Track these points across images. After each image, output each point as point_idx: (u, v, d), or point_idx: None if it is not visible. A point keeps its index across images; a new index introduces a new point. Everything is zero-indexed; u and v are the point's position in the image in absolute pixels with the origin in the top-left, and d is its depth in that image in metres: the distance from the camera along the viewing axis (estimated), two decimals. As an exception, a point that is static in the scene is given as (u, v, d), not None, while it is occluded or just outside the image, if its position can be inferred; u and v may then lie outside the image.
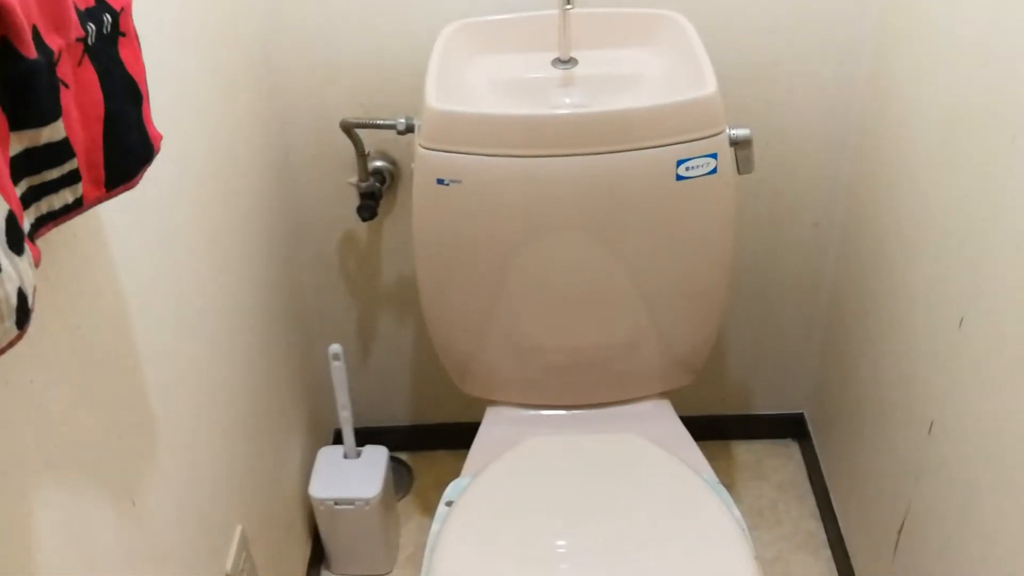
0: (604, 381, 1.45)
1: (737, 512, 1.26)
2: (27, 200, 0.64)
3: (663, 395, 1.49)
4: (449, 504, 1.31)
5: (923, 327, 1.31)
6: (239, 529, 1.31)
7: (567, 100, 1.37)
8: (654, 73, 1.37)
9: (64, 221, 0.70)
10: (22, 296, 0.57)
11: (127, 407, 0.97)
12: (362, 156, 1.52)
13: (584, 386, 1.46)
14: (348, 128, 1.48)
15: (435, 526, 1.29)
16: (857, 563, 1.62)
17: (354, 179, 1.56)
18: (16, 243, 0.57)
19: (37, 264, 0.62)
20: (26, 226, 0.63)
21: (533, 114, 1.23)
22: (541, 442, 1.39)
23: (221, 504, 1.25)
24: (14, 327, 0.56)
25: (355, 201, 1.60)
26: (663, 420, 1.45)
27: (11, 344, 0.57)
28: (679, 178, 1.28)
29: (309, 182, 1.60)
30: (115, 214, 0.94)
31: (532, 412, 1.48)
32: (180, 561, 1.10)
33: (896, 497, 1.43)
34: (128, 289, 0.97)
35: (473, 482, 1.33)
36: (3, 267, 0.55)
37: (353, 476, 1.66)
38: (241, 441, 1.35)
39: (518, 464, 1.35)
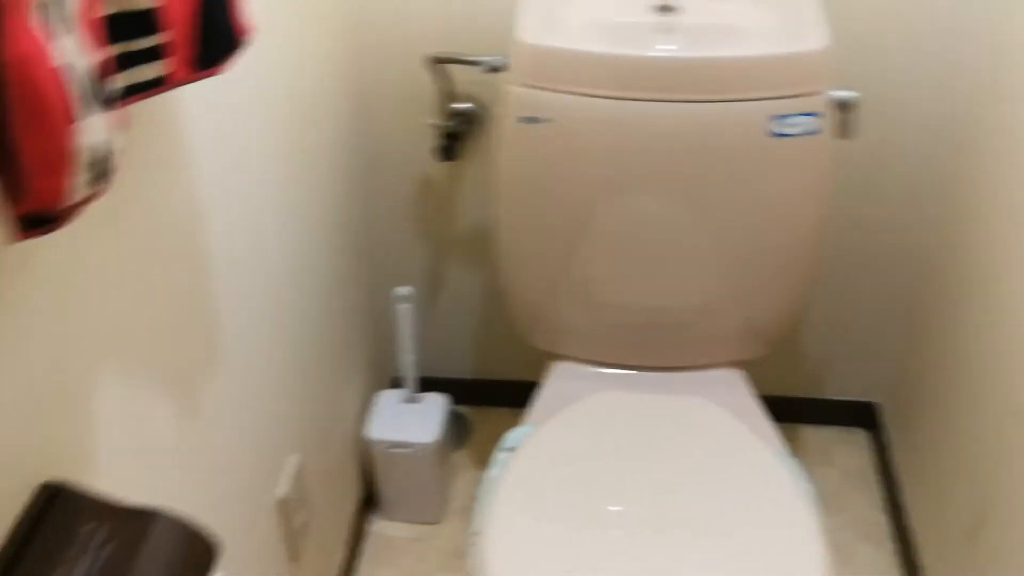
0: (676, 344, 1.41)
1: (808, 487, 1.21)
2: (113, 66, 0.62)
3: (736, 365, 1.44)
4: (509, 451, 1.28)
5: (1021, 318, 1.24)
6: (294, 458, 1.29)
7: (665, 47, 1.31)
8: (763, 27, 1.31)
9: (149, 96, 0.67)
10: (103, 152, 0.54)
11: (194, 312, 0.95)
12: (445, 95, 1.49)
13: (655, 348, 1.41)
14: (435, 63, 1.44)
15: (492, 471, 1.26)
16: (925, 557, 1.55)
17: (434, 120, 1.52)
18: (101, 97, 0.54)
19: (122, 130, 0.59)
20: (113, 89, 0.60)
21: (630, 54, 1.19)
22: (608, 398, 1.35)
23: (278, 430, 1.23)
24: (93, 182, 0.53)
25: (433, 143, 1.57)
26: (735, 390, 1.40)
27: (87, 201, 0.54)
28: (775, 135, 1.23)
29: (388, 120, 1.57)
30: (197, 108, 0.91)
31: (599, 370, 1.44)
32: (234, 477, 1.08)
33: (975, 493, 1.36)
34: (204, 191, 0.95)
35: (535, 432, 1.29)
36: (86, 118, 0.52)
37: (411, 421, 1.63)
38: (303, 371, 1.33)
39: (582, 418, 1.31)
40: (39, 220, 0.52)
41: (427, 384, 1.83)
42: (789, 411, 1.87)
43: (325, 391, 1.44)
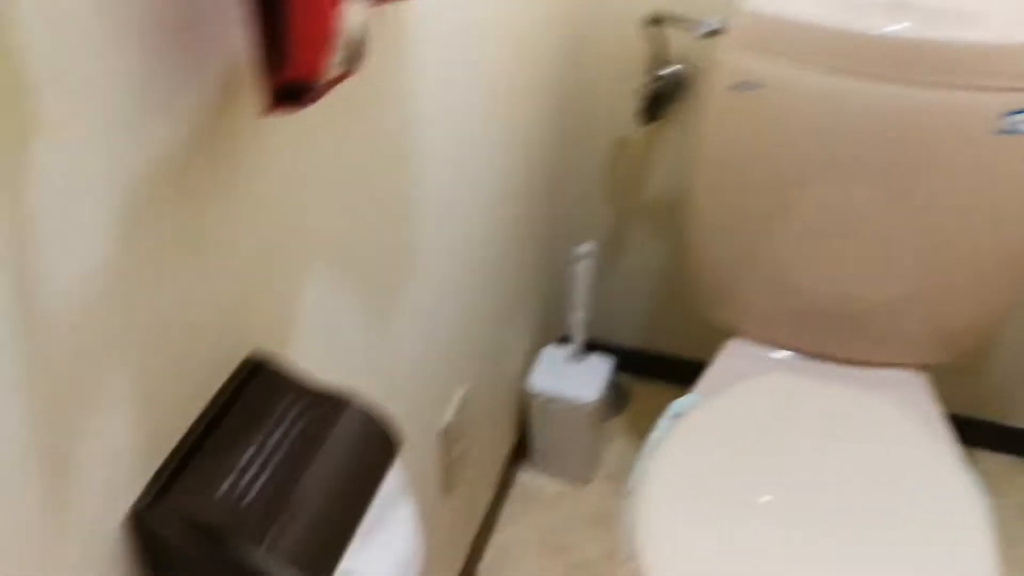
0: (860, 337, 1.35)
1: (988, 505, 1.14)
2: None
3: (919, 368, 1.37)
4: (673, 417, 1.27)
5: None
6: (461, 391, 1.32)
7: (897, 26, 1.26)
8: (1006, 11, 1.24)
9: (390, 1, 0.69)
10: (357, 37, 0.56)
11: (398, 224, 0.98)
12: (655, 57, 1.47)
13: (837, 337, 1.36)
14: (651, 23, 1.43)
15: (655, 434, 1.25)
16: (1097, 607, 1.45)
17: (641, 81, 1.51)
18: (360, -17, 0.56)
19: (371, 22, 0.62)
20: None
21: (858, 30, 1.14)
22: (783, 380, 1.31)
23: (452, 360, 1.26)
24: (345, 62, 0.55)
25: (636, 104, 1.55)
26: (916, 394, 1.33)
27: (336, 81, 0.56)
28: (1003, 132, 1.16)
29: (595, 76, 1.57)
30: (423, 28, 0.94)
31: (775, 352, 1.40)
32: (408, 397, 1.11)
33: None
34: (421, 108, 0.97)
35: (705, 402, 1.27)
36: (350, 2, 0.54)
37: (573, 378, 1.64)
38: (480, 309, 1.35)
39: (754, 395, 1.28)
40: (292, 93, 0.55)
41: (592, 347, 1.83)
42: (967, 433, 1.77)
43: (496, 334, 1.46)
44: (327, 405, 0.69)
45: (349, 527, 0.66)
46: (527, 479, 1.74)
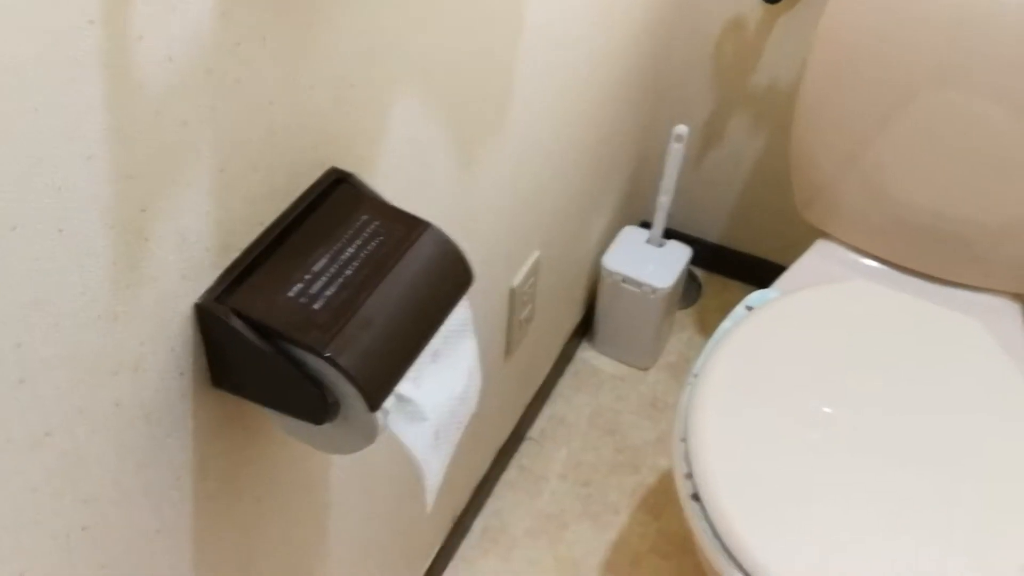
0: (958, 256, 1.28)
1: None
2: None
3: (1016, 297, 1.31)
4: (749, 308, 1.23)
5: None
6: (535, 254, 1.30)
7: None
8: None
9: None
10: None
11: (496, 71, 0.94)
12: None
13: (933, 254, 1.30)
14: None
15: (726, 323, 1.21)
16: None
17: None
18: None
19: None
20: None
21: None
22: (869, 288, 1.26)
23: (530, 222, 1.23)
24: None
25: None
26: (1009, 322, 1.27)
27: None
28: None
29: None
30: None
31: (864, 259, 1.34)
32: (484, 248, 1.09)
33: None
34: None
35: (783, 297, 1.23)
36: None
37: (650, 262, 1.60)
38: (564, 175, 1.31)
39: (836, 299, 1.23)
40: None
41: (671, 235, 1.78)
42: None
43: (580, 203, 1.43)
44: (406, 226, 0.67)
45: (413, 350, 0.64)
46: (588, 357, 1.73)
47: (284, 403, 0.63)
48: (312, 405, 0.62)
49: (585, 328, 1.75)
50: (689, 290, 1.85)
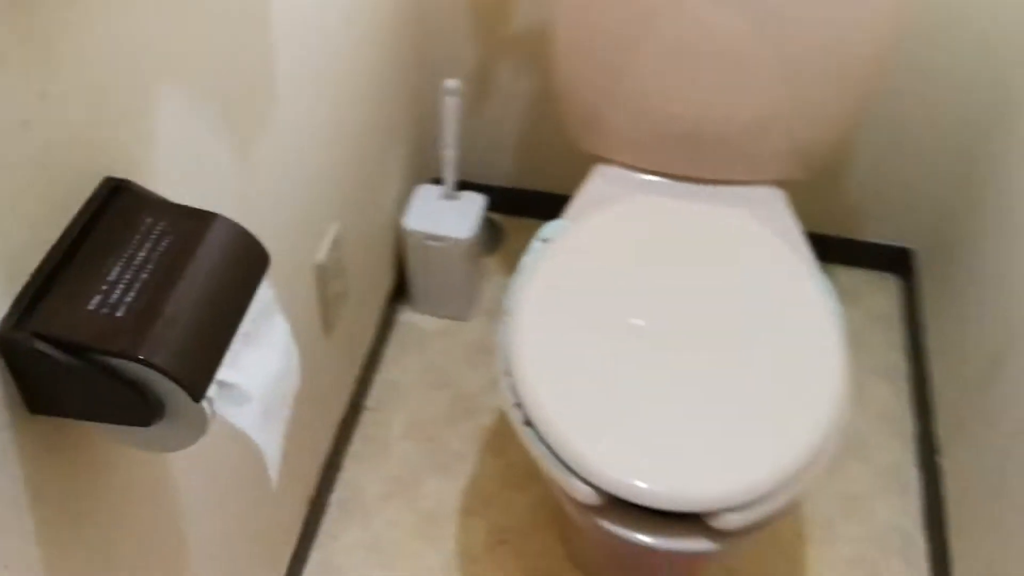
0: (722, 156, 1.39)
1: (838, 307, 1.22)
2: None
3: (779, 185, 1.44)
4: (544, 241, 1.30)
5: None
6: (335, 227, 1.32)
7: None
8: None
9: None
10: None
11: (250, 43, 0.95)
12: None
13: (700, 158, 1.40)
14: None
15: (527, 259, 1.28)
16: (939, 399, 1.59)
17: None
18: None
19: None
20: None
21: None
22: (649, 201, 1.35)
23: (322, 194, 1.25)
24: None
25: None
26: (775, 209, 1.40)
27: None
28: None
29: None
30: None
31: (642, 176, 1.44)
32: (277, 230, 1.11)
33: (997, 335, 1.38)
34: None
35: (573, 226, 1.31)
36: None
37: (448, 216, 1.65)
38: (348, 142, 1.33)
39: (622, 217, 1.32)
40: None
41: (464, 187, 1.83)
42: (823, 249, 1.86)
43: (368, 170, 1.46)
44: (192, 220, 0.69)
45: (225, 337, 0.67)
46: (408, 318, 1.77)
47: (108, 414, 0.65)
48: (136, 410, 0.64)
49: (401, 291, 1.78)
50: (492, 237, 1.91)
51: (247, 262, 0.71)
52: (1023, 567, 1.18)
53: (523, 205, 1.93)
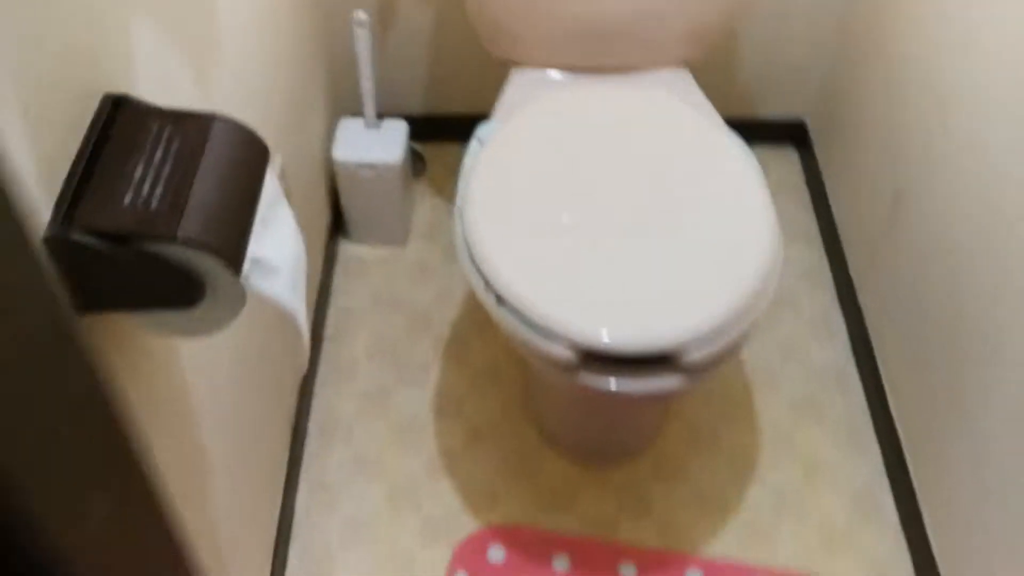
0: (629, 46, 1.49)
1: (758, 165, 1.33)
2: None
3: (684, 64, 1.54)
4: (479, 142, 1.38)
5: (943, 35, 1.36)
6: (279, 158, 1.37)
7: None
8: None
9: None
10: None
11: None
12: None
13: (608, 50, 1.49)
14: None
15: (467, 161, 1.35)
16: (848, 247, 1.73)
17: None
18: None
19: None
20: None
21: None
22: (570, 94, 1.44)
23: (266, 127, 1.30)
24: None
25: None
26: (684, 86, 1.50)
27: None
28: None
29: None
30: None
31: (556, 74, 1.52)
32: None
33: (895, 178, 1.51)
34: None
35: (503, 126, 1.38)
36: None
37: (374, 144, 1.71)
38: (273, 80, 1.38)
39: (547, 110, 1.40)
40: None
41: (383, 118, 1.89)
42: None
43: (295, 105, 1.50)
44: (195, 121, 0.75)
45: (247, 217, 0.73)
46: (349, 250, 1.83)
47: (154, 299, 0.70)
48: (180, 291, 0.70)
49: (338, 225, 1.84)
50: (416, 164, 1.97)
51: (250, 153, 0.77)
52: (944, 374, 1.32)
53: (440, 131, 1.99)
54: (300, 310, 0.78)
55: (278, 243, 0.77)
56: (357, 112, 1.83)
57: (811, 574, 1.40)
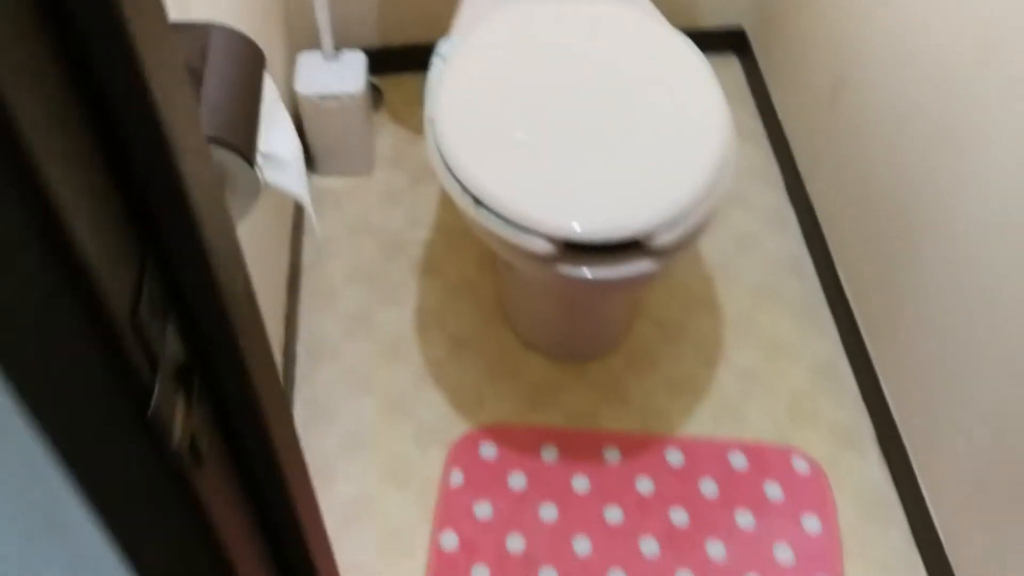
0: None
1: (709, 64, 1.41)
2: None
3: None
4: (442, 57, 1.43)
5: None
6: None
7: None
8: None
9: None
10: None
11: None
12: None
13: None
14: None
15: (432, 76, 1.41)
16: (797, 143, 1.82)
17: None
18: None
19: None
20: None
21: None
22: (527, 5, 1.49)
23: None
24: None
25: None
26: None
27: None
28: None
29: None
30: None
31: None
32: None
33: (834, 67, 1.60)
34: None
35: (463, 40, 1.44)
36: None
37: (335, 75, 1.76)
38: (238, 11, 1.42)
39: (504, 22, 1.46)
40: None
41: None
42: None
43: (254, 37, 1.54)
44: (194, 31, 0.80)
45: (254, 116, 0.79)
46: (317, 183, 1.88)
47: (177, 195, 0.76)
48: (201, 186, 0.76)
49: (305, 159, 1.88)
50: (374, 98, 2.02)
51: (249, 57, 0.82)
52: (891, 249, 1.42)
53: (394, 63, 2.04)
54: (309, 200, 0.85)
55: (282, 140, 0.83)
56: (314, 45, 1.87)
57: (781, 443, 1.51)
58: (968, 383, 1.24)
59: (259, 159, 0.77)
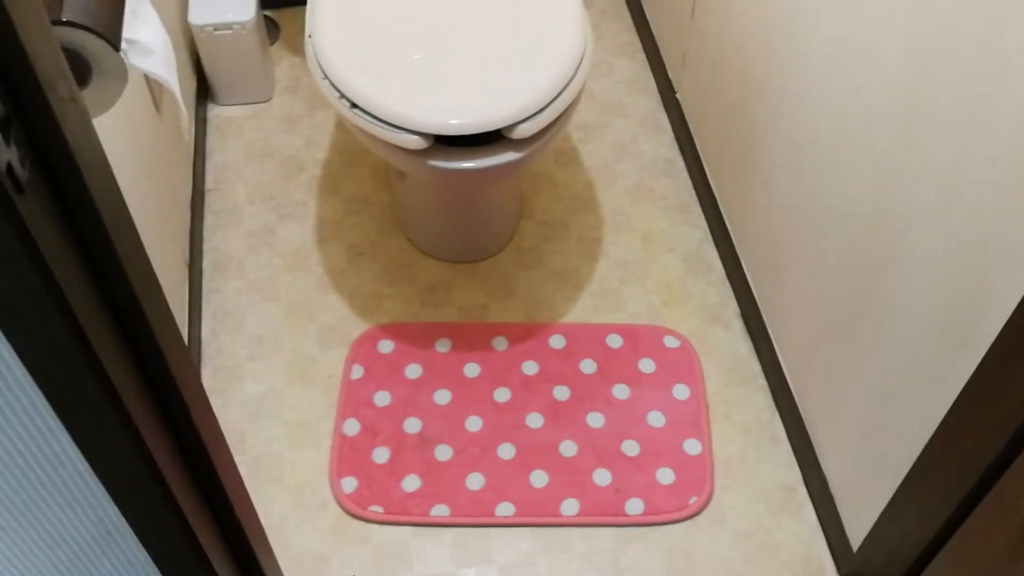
0: None
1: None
2: None
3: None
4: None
5: None
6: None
7: None
8: None
9: None
10: None
11: None
12: None
13: None
14: None
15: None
16: (667, 50, 1.95)
17: None
18: None
19: None
20: None
21: None
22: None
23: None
24: None
25: None
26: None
27: None
28: None
29: None
30: None
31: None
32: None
33: (693, -29, 1.73)
34: None
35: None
36: None
37: (226, 5, 1.83)
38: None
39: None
40: None
41: (231, -12, 2.01)
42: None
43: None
44: (62, -67, 0.89)
45: (119, 7, 0.89)
46: (218, 112, 1.97)
47: (52, 78, 0.86)
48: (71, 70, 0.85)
49: (204, 91, 1.97)
50: (269, 31, 2.10)
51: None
52: (744, 140, 1.56)
53: (288, -5, 2.12)
54: (174, 83, 0.95)
55: (148, 31, 0.93)
56: (205, -20, 1.94)
57: (655, 324, 1.66)
58: (806, 251, 1.39)
59: (124, 45, 0.87)
